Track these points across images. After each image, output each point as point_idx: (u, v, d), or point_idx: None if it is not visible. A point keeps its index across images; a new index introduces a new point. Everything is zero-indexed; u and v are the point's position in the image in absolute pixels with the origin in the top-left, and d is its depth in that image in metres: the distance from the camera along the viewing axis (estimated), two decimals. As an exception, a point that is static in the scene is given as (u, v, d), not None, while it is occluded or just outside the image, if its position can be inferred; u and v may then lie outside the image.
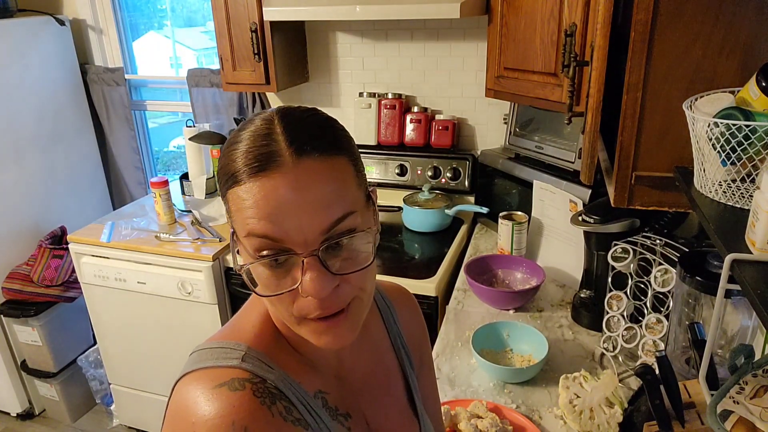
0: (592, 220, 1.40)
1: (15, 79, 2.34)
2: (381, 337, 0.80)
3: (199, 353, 0.63)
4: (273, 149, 0.54)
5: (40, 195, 2.52)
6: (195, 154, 2.42)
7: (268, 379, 0.60)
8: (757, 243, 0.63)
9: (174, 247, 2.02)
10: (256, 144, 0.54)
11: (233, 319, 0.69)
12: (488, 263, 1.74)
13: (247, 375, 0.59)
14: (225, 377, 0.57)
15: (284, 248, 0.54)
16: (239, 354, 0.61)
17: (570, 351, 1.40)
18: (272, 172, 0.53)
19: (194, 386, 0.57)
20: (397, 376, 0.80)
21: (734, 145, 0.72)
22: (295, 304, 0.57)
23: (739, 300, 0.98)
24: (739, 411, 0.71)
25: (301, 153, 0.54)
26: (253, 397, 0.57)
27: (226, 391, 0.56)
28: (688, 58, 0.87)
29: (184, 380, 0.60)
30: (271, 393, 0.59)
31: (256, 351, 0.62)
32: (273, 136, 0.55)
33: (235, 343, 0.62)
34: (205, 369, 0.59)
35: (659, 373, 0.93)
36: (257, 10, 1.93)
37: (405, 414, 0.79)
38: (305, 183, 0.53)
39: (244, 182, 0.53)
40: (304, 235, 0.53)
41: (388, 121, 2.21)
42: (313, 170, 0.54)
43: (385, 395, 0.77)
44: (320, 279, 0.54)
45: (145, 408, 2.41)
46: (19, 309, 2.39)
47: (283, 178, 0.53)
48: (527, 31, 1.54)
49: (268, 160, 0.53)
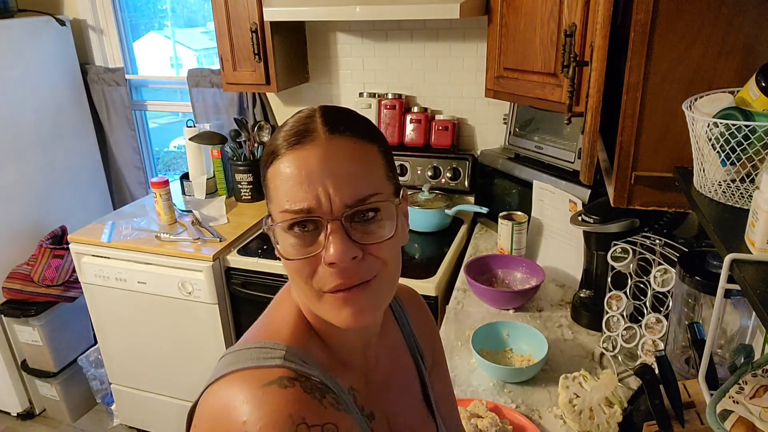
0: (591, 220, 1.40)
1: (15, 79, 2.34)
2: (396, 337, 0.81)
3: (235, 354, 0.61)
4: (310, 127, 0.59)
5: (40, 195, 2.53)
6: (195, 154, 2.42)
7: (312, 376, 0.60)
8: (756, 243, 0.63)
9: (174, 247, 2.02)
10: (297, 125, 0.60)
11: (264, 318, 0.69)
12: (488, 263, 1.74)
13: (293, 373, 0.58)
14: (272, 376, 0.57)
15: (312, 216, 0.57)
16: (280, 353, 0.60)
17: (570, 351, 1.40)
18: (306, 144, 0.58)
19: (239, 387, 0.56)
20: (414, 376, 0.81)
21: (734, 145, 0.72)
22: (315, 277, 0.59)
23: (739, 300, 0.98)
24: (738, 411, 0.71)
25: (335, 131, 0.59)
26: (304, 393, 0.57)
27: (276, 389, 0.55)
28: (688, 58, 0.87)
29: (224, 382, 0.58)
30: (318, 388, 0.59)
31: (295, 349, 0.62)
32: (313, 117, 0.61)
33: (273, 343, 0.62)
34: (248, 369, 0.58)
35: (659, 373, 0.93)
36: (257, 10, 1.93)
37: (422, 414, 0.80)
38: (335, 156, 0.58)
39: (282, 155, 0.59)
40: (330, 204, 0.57)
41: (388, 121, 2.21)
42: (344, 147, 0.59)
43: (404, 395, 0.78)
44: (342, 243, 0.56)
45: (146, 408, 2.41)
46: (19, 309, 2.39)
47: (315, 149, 0.58)
48: (527, 32, 1.54)
49: (304, 135, 0.59)
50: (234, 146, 2.39)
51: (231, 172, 2.42)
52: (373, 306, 0.62)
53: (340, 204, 0.57)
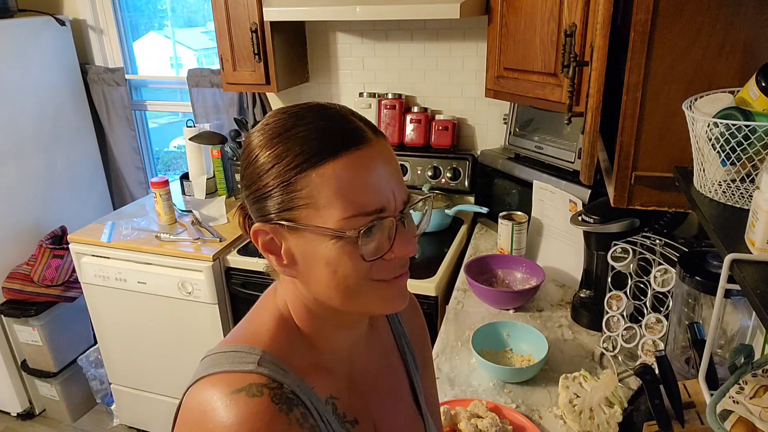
0: (591, 220, 1.40)
1: (15, 79, 2.34)
2: (387, 338, 0.81)
3: (212, 357, 0.62)
4: (357, 126, 0.59)
5: (40, 195, 2.53)
6: (195, 154, 2.42)
7: (285, 384, 0.60)
8: (756, 243, 0.63)
9: (174, 247, 2.02)
10: (336, 123, 0.59)
11: (244, 321, 0.69)
12: (488, 263, 1.74)
13: (265, 380, 0.58)
14: (242, 382, 0.57)
15: (383, 215, 0.59)
16: (255, 358, 0.60)
17: (570, 351, 1.40)
18: (365, 146, 0.58)
19: (211, 391, 0.57)
20: (403, 377, 0.81)
21: (734, 145, 0.72)
22: (372, 272, 0.60)
23: (739, 300, 0.98)
24: (738, 411, 0.71)
25: (376, 132, 0.61)
26: (272, 404, 0.56)
27: (244, 397, 0.55)
28: (688, 58, 0.87)
29: (199, 385, 0.59)
30: (288, 399, 0.58)
31: (272, 355, 0.62)
32: (347, 118, 0.60)
33: (249, 347, 0.62)
34: (221, 373, 0.59)
35: (659, 373, 0.93)
36: (257, 10, 1.93)
37: (411, 415, 0.80)
38: (389, 157, 0.60)
39: (341, 157, 0.57)
40: (395, 202, 0.60)
41: (388, 121, 2.21)
42: (387, 147, 0.61)
43: (393, 397, 0.78)
44: (411, 237, 0.62)
45: (146, 408, 2.41)
46: (19, 309, 2.39)
47: (373, 149, 0.59)
48: (527, 32, 1.54)
49: (359, 136, 0.58)
50: (234, 146, 2.39)
51: (231, 172, 2.42)
52: (407, 288, 0.67)
53: (400, 202, 0.60)
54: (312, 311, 0.66)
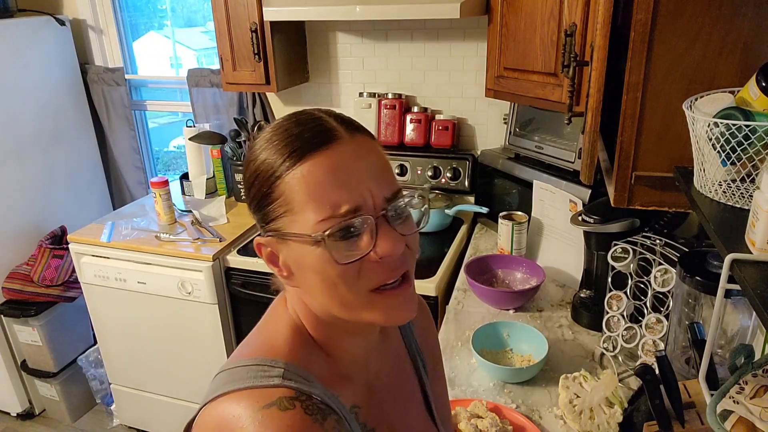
0: (592, 220, 1.40)
1: (15, 79, 2.34)
2: (398, 344, 0.80)
3: (230, 372, 0.59)
4: (328, 126, 0.57)
5: (40, 195, 2.52)
6: (195, 154, 2.42)
7: (314, 395, 0.58)
8: (757, 243, 0.63)
9: (174, 247, 2.02)
10: (308, 127, 0.57)
11: (258, 332, 0.67)
12: (488, 263, 1.74)
13: (293, 393, 0.56)
14: (272, 397, 0.55)
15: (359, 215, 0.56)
16: (279, 371, 0.58)
17: (570, 351, 1.40)
18: (334, 144, 0.56)
19: (237, 408, 0.54)
20: (415, 384, 0.80)
21: (734, 145, 0.72)
22: (362, 278, 0.57)
23: (739, 300, 0.98)
24: (739, 411, 0.71)
25: (353, 130, 0.59)
26: (305, 415, 0.55)
27: (276, 412, 0.53)
28: (688, 58, 0.87)
29: (220, 402, 0.56)
30: (320, 409, 0.57)
31: (294, 366, 0.60)
32: (321, 119, 0.58)
33: (271, 360, 0.59)
34: (247, 389, 0.56)
35: (659, 373, 0.93)
36: (257, 10, 1.93)
37: (425, 421, 0.79)
38: (365, 152, 0.58)
39: (308, 158, 0.55)
40: (373, 199, 0.56)
41: (388, 121, 2.21)
42: (366, 143, 0.59)
43: (407, 403, 0.77)
44: (393, 236, 0.57)
45: (146, 408, 2.41)
46: (19, 309, 2.39)
47: (346, 147, 0.56)
48: (527, 31, 1.54)
49: (328, 135, 0.56)
50: (234, 146, 2.39)
51: (231, 172, 2.42)
52: (414, 297, 0.62)
53: (381, 199, 0.57)
54: (322, 320, 0.64)
